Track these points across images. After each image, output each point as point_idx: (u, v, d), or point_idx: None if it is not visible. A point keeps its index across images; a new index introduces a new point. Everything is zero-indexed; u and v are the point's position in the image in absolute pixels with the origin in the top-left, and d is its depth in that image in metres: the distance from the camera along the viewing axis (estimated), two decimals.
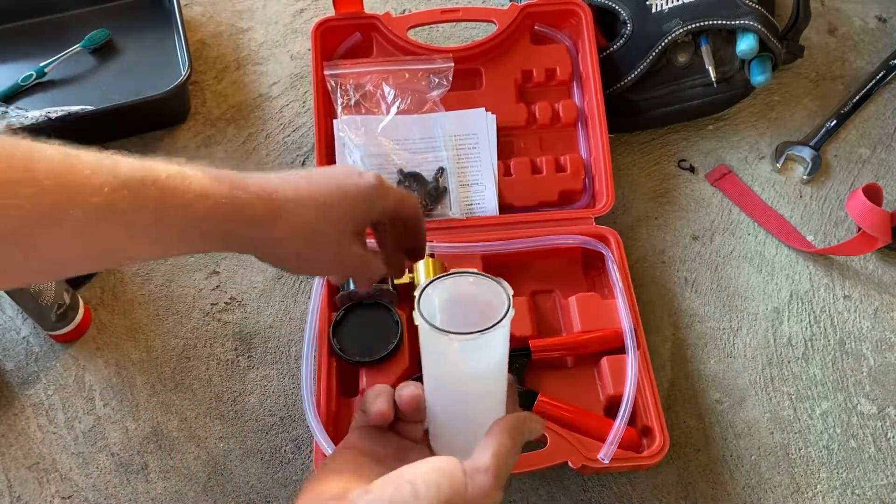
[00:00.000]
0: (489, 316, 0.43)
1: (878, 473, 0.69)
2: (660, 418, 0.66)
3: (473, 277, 0.46)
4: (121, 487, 0.69)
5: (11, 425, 0.72)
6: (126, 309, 0.78)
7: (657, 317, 0.77)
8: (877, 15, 0.99)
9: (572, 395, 0.69)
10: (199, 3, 1.01)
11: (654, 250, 0.82)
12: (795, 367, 0.75)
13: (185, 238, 0.46)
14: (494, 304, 0.44)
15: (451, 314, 0.45)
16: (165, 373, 0.74)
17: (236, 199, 0.47)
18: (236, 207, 0.47)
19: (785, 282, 0.80)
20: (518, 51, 0.85)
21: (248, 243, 0.50)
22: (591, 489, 0.68)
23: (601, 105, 0.81)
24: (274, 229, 0.49)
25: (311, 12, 1.00)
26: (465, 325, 0.43)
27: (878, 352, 0.76)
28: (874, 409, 0.73)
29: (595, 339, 0.71)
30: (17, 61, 0.94)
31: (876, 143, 0.89)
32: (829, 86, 0.93)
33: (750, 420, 0.72)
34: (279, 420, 0.72)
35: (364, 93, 0.82)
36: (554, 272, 0.78)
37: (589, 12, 0.84)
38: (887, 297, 0.79)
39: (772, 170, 0.87)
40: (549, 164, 0.81)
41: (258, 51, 0.97)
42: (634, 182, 0.86)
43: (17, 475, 0.69)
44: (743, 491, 0.68)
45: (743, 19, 0.82)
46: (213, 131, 0.90)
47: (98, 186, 0.42)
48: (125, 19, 0.97)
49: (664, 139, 0.90)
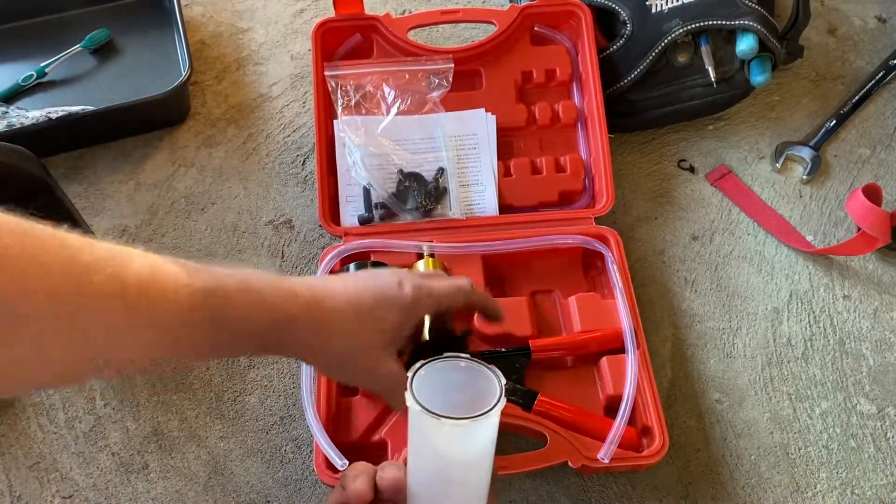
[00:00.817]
0: (480, 402, 0.42)
1: (878, 473, 0.69)
2: (660, 418, 0.66)
3: (466, 363, 0.46)
4: (121, 487, 0.69)
5: (12, 425, 0.72)
6: None
7: (657, 317, 0.77)
8: (877, 15, 0.99)
9: (572, 395, 0.69)
10: (199, 3, 1.01)
11: (654, 250, 0.82)
12: (795, 367, 0.75)
13: (237, 345, 0.49)
14: (487, 390, 0.44)
15: (443, 398, 0.44)
16: (166, 372, 0.74)
17: (289, 312, 0.50)
18: (289, 320, 0.50)
19: (784, 282, 0.80)
20: (518, 52, 0.85)
21: (296, 351, 0.53)
22: (591, 489, 0.68)
23: (601, 105, 0.81)
24: (318, 337, 0.52)
25: (311, 12, 1.00)
26: (455, 410, 0.42)
27: (878, 352, 0.76)
28: (874, 408, 0.73)
29: (595, 339, 0.71)
30: (17, 61, 0.94)
31: (876, 143, 0.89)
32: (829, 86, 0.93)
33: (750, 420, 0.72)
34: (279, 420, 0.72)
35: (364, 93, 0.83)
36: (554, 272, 0.78)
37: (588, 13, 0.84)
38: (887, 297, 0.79)
39: (772, 170, 0.87)
40: (549, 165, 0.81)
41: (258, 51, 0.97)
42: (634, 182, 0.86)
43: (18, 475, 0.69)
44: (743, 491, 0.69)
45: (743, 19, 0.83)
46: (214, 131, 0.90)
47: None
48: (125, 19, 0.97)
49: (664, 139, 0.90)
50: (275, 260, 0.81)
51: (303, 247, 0.82)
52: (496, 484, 0.49)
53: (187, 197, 0.85)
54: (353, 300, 0.53)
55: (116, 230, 0.83)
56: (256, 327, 0.48)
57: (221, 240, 0.82)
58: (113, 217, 0.84)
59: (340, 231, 0.78)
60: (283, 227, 0.83)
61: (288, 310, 0.50)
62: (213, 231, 0.83)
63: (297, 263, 0.81)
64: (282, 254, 0.81)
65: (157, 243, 0.82)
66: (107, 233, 0.82)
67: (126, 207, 0.84)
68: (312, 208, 0.84)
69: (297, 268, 0.80)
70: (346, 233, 0.77)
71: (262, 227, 0.83)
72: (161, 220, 0.83)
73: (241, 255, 0.81)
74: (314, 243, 0.82)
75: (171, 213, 0.84)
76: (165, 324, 0.43)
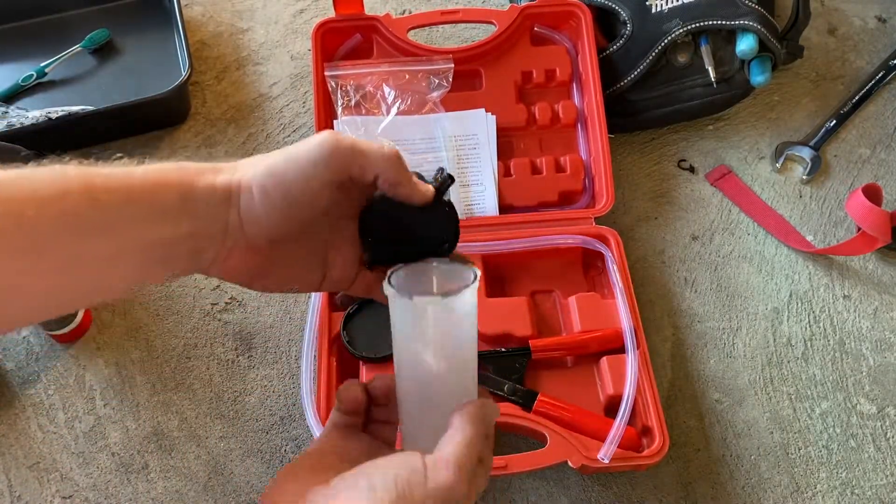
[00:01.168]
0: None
1: (878, 473, 0.69)
2: (660, 418, 0.66)
3: (437, 261, 0.46)
4: (121, 487, 0.69)
5: (12, 425, 0.72)
6: (126, 309, 0.78)
7: (657, 317, 0.77)
8: (877, 15, 0.99)
9: (572, 395, 0.69)
10: (199, 3, 1.01)
11: (654, 250, 0.82)
12: (795, 367, 0.75)
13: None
14: (463, 281, 0.44)
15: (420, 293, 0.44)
16: (166, 372, 0.74)
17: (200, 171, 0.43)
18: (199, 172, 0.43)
19: (784, 282, 0.80)
20: (518, 52, 0.85)
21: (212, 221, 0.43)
22: (591, 489, 0.68)
23: (601, 106, 0.81)
24: (236, 182, 0.42)
25: (311, 12, 1.00)
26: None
27: (878, 352, 0.76)
28: (874, 408, 0.73)
29: (595, 339, 0.71)
30: (17, 61, 0.94)
31: (876, 143, 0.89)
32: (829, 86, 0.93)
33: (750, 420, 0.72)
34: (279, 420, 0.72)
35: (364, 94, 0.83)
36: (554, 272, 0.78)
37: (588, 14, 0.84)
38: (887, 297, 0.79)
39: (772, 170, 0.87)
40: (549, 165, 0.81)
41: (258, 51, 0.97)
42: (634, 182, 0.86)
43: (18, 475, 0.69)
44: (743, 491, 0.69)
45: (743, 19, 0.83)
46: (214, 131, 0.90)
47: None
48: (125, 19, 0.97)
49: (664, 139, 0.90)
50: None
51: None
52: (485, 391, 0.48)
53: None
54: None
55: None
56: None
57: None
58: None
59: None
60: None
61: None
62: None
63: None
64: None
65: None
66: None
67: None
68: None
69: None
70: None
71: None
72: None
73: None
74: None
75: None
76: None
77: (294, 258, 0.47)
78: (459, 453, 0.41)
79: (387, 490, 0.39)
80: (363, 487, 0.39)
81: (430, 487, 0.39)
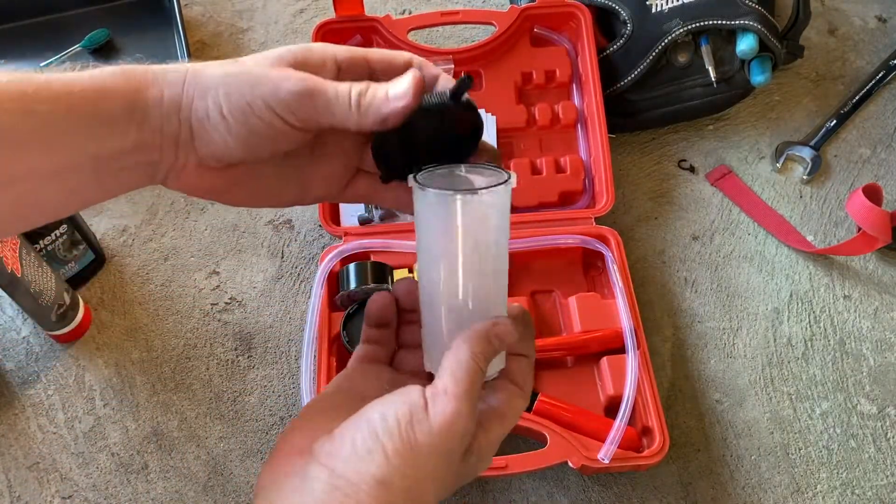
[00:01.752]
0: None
1: (878, 473, 0.69)
2: (660, 418, 0.66)
3: (466, 167, 0.43)
4: (121, 487, 0.69)
5: (11, 425, 0.72)
6: (126, 309, 0.78)
7: (657, 317, 0.77)
8: (877, 15, 0.99)
9: (572, 395, 0.69)
10: (199, 3, 1.01)
11: (654, 250, 0.82)
12: (795, 367, 0.75)
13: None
14: (495, 179, 0.42)
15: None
16: (165, 373, 0.74)
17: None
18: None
19: (785, 282, 0.80)
20: (518, 53, 0.85)
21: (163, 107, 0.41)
22: (591, 489, 0.68)
23: (601, 106, 0.81)
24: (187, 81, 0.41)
25: (311, 12, 1.00)
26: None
27: (878, 352, 0.76)
28: (874, 409, 0.73)
29: (595, 339, 0.71)
30: (17, 61, 0.94)
31: (876, 143, 0.89)
32: (829, 86, 0.93)
33: (750, 420, 0.72)
34: (279, 420, 0.72)
35: None
36: (554, 272, 0.78)
37: (588, 15, 0.84)
38: (887, 297, 0.79)
39: (772, 170, 0.87)
40: (549, 165, 0.81)
41: (258, 51, 0.96)
42: (634, 182, 0.86)
43: (17, 475, 0.69)
44: (743, 491, 0.69)
45: (743, 19, 0.83)
46: None
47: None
48: (125, 19, 0.97)
49: (664, 139, 0.90)
50: (275, 260, 0.81)
51: (303, 247, 0.82)
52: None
53: (187, 196, 0.85)
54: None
55: (116, 230, 0.82)
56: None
57: (221, 240, 0.82)
58: (113, 217, 0.83)
59: (340, 231, 0.78)
60: (283, 227, 0.83)
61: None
62: (213, 231, 0.83)
63: (297, 263, 0.81)
64: (282, 254, 0.81)
65: (156, 243, 0.82)
66: (106, 232, 0.82)
67: (126, 207, 0.84)
68: (312, 208, 0.83)
69: (296, 268, 0.80)
70: (345, 233, 0.77)
71: (261, 226, 0.83)
72: (161, 220, 0.83)
73: (241, 254, 0.81)
74: (314, 243, 0.82)
75: (170, 213, 0.84)
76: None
77: (261, 176, 0.43)
78: (458, 379, 0.37)
79: (389, 434, 0.36)
80: (366, 433, 0.36)
81: (433, 422, 0.36)
